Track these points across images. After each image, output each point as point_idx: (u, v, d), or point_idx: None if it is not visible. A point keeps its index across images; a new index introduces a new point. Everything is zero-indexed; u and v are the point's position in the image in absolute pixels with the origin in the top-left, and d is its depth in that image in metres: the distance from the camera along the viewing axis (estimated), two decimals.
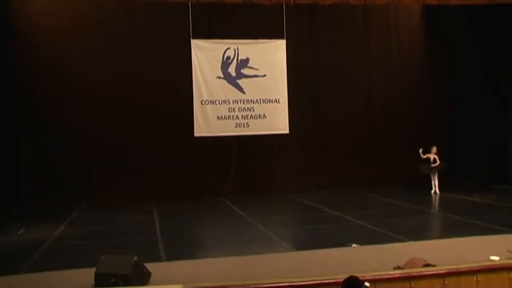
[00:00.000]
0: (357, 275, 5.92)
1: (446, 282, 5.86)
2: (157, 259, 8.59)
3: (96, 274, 6.85)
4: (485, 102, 16.69)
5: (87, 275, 6.97)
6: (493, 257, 7.10)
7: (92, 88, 15.66)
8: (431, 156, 15.17)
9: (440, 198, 14.93)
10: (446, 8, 16.34)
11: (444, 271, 6.00)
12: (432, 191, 15.20)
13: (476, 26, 16.94)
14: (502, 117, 15.76)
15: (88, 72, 15.66)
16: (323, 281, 5.80)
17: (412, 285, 5.80)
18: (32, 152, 15.31)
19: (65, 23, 15.73)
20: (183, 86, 16.08)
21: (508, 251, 7.36)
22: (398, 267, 6.67)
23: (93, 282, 6.80)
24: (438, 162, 15.12)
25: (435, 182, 15.28)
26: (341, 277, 5.74)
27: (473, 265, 6.21)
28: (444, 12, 17.33)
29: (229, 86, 16.62)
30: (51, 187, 15.17)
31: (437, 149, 15.25)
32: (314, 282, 5.80)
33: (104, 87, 15.73)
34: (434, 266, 6.49)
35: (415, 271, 6.19)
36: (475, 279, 5.95)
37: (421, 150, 15.15)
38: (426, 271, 6.17)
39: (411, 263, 6.69)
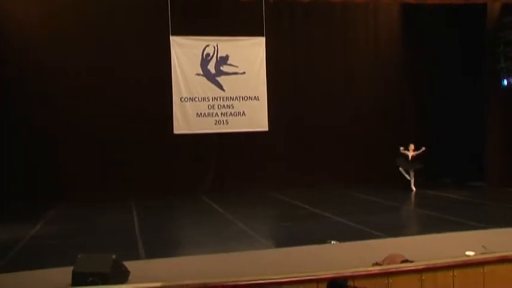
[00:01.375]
0: (336, 271, 5.98)
1: (423, 278, 5.92)
2: (137, 257, 8.51)
3: (73, 273, 6.76)
4: (463, 100, 16.93)
5: (64, 274, 6.87)
6: (468, 252, 7.22)
7: (69, 85, 15.41)
8: (409, 153, 15.21)
9: (417, 195, 15.11)
10: (424, 7, 16.53)
11: (421, 267, 6.06)
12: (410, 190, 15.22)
13: (453, 24, 17.16)
14: (480, 114, 16.00)
15: (65, 69, 15.40)
16: (303, 278, 5.80)
17: (391, 281, 5.84)
18: (8, 150, 15.02)
19: (42, 19, 15.47)
20: (162, 83, 15.96)
21: (483, 246, 7.48)
22: (376, 264, 6.72)
23: (70, 282, 6.71)
24: (414, 159, 15.20)
25: (411, 180, 15.34)
26: (321, 274, 5.78)
27: (450, 260, 6.29)
28: (422, 11, 17.53)
29: (209, 83, 16.57)
30: (27, 185, 14.90)
31: (414, 147, 15.27)
32: (294, 279, 5.80)
33: (81, 85, 15.49)
34: (412, 261, 6.55)
35: (393, 267, 6.24)
36: (451, 274, 6.03)
37: (401, 148, 15.34)
38: (404, 267, 6.23)
39: (389, 259, 6.75)
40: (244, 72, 16.75)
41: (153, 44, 15.90)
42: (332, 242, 9.01)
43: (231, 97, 16.66)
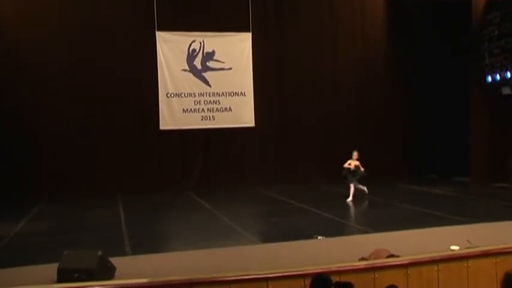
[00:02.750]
0: (323, 266, 6.00)
1: (409, 272, 5.96)
2: (123, 253, 8.48)
3: (59, 269, 6.71)
4: (449, 96, 17.06)
5: (50, 270, 6.81)
6: (453, 247, 7.30)
7: (53, 82, 15.28)
8: (353, 163, 13.47)
9: (403, 190, 15.19)
10: (410, 2, 16.66)
11: (407, 261, 6.11)
12: (348, 199, 13.14)
13: (438, 16, 17.27)
14: (465, 111, 16.16)
15: (49, 65, 15.25)
16: (289, 273, 5.81)
17: (377, 275, 5.87)
18: None
19: (25, 14, 15.30)
20: (148, 78, 15.89)
21: (468, 240, 7.57)
22: (363, 259, 6.76)
23: (55, 278, 6.66)
24: (361, 169, 13.46)
25: (352, 190, 13.31)
26: (307, 269, 5.80)
27: (435, 255, 6.35)
28: (408, 7, 17.66)
29: (195, 78, 16.56)
30: (11, 182, 14.75)
31: (358, 154, 13.64)
32: (280, 274, 5.81)
33: (66, 81, 15.35)
34: (397, 256, 6.60)
35: (379, 262, 6.28)
36: (436, 269, 6.09)
37: (346, 165, 13.57)
38: (390, 262, 6.27)
39: (375, 254, 6.79)
40: (230, 68, 16.75)
41: (138, 40, 15.83)
42: (318, 237, 9.04)
43: (217, 93, 16.66)
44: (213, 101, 16.64)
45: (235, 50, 16.77)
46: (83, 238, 9.92)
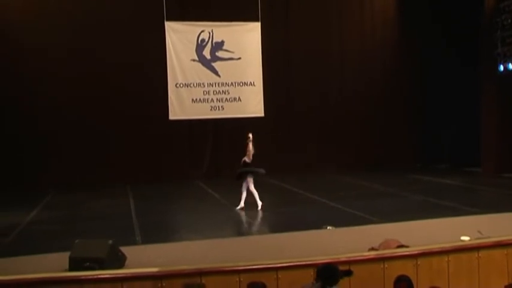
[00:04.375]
0: (332, 256, 6.00)
1: (418, 263, 5.94)
2: (133, 243, 8.53)
3: (70, 258, 6.77)
4: (460, 86, 16.91)
5: (61, 259, 6.88)
6: (463, 238, 7.26)
7: (62, 72, 15.29)
8: (250, 146, 11.56)
9: (413, 180, 15.09)
10: None
11: (416, 252, 6.08)
12: (239, 206, 11.22)
13: (448, 5, 17.08)
14: (476, 100, 16.01)
15: (57, 55, 15.25)
16: (298, 263, 5.82)
17: (386, 266, 5.86)
18: (2, 138, 14.95)
19: (29, 5, 15.29)
20: (157, 69, 15.86)
21: (478, 231, 7.53)
22: (372, 249, 6.75)
23: (67, 267, 6.72)
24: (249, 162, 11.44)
25: (245, 194, 11.32)
26: (316, 259, 5.80)
27: (445, 246, 6.32)
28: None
29: (204, 69, 16.49)
30: (22, 172, 14.87)
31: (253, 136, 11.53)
32: (289, 264, 5.82)
33: (75, 71, 15.37)
34: (407, 247, 6.59)
35: (388, 252, 6.26)
36: (446, 259, 6.06)
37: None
38: (399, 252, 6.24)
39: (385, 245, 6.78)
40: (239, 58, 16.67)
41: (147, 30, 15.76)
42: (328, 227, 9.03)
43: (226, 83, 16.59)
44: (222, 91, 16.58)
45: (244, 39, 16.68)
46: (94, 227, 9.99)
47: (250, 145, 11.31)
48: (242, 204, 11.23)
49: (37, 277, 5.59)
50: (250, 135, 11.41)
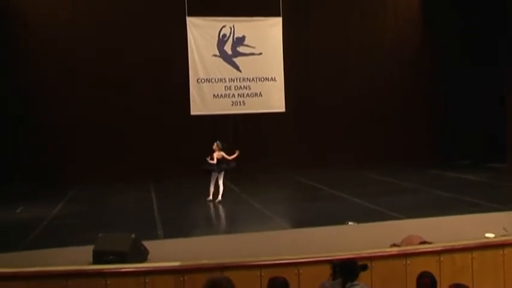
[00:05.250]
0: (354, 252, 5.95)
1: (441, 259, 5.84)
2: (155, 237, 8.60)
3: (94, 251, 6.87)
4: (483, 81, 16.61)
5: (85, 252, 6.98)
6: (488, 234, 7.14)
7: (84, 68, 15.45)
8: (216, 155, 11.86)
9: (435, 176, 14.90)
10: None
11: (439, 248, 5.98)
12: (207, 198, 11.74)
13: (470, 12, 16.82)
14: (500, 95, 15.69)
15: (77, 52, 15.40)
16: (320, 259, 5.77)
17: (408, 262, 5.78)
18: (29, 132, 15.21)
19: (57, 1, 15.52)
20: (178, 64, 15.93)
21: (504, 228, 7.39)
22: (394, 245, 6.69)
23: (91, 260, 6.81)
24: (229, 158, 11.89)
25: (214, 187, 11.80)
26: (338, 255, 5.75)
27: (469, 242, 6.21)
28: None
29: (226, 64, 16.52)
30: (47, 166, 15.11)
31: (220, 145, 11.93)
32: (311, 259, 5.78)
33: (96, 67, 15.51)
34: (430, 243, 6.51)
35: (411, 248, 6.18)
36: (470, 257, 5.95)
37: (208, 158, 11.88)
38: (422, 248, 6.16)
39: (407, 241, 6.71)
40: (260, 53, 16.65)
41: (169, 26, 15.82)
42: (349, 223, 8.99)
43: (247, 78, 16.59)
44: (244, 86, 16.59)
45: (265, 34, 16.64)
46: (117, 221, 10.11)
47: (216, 154, 11.73)
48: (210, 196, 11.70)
49: (62, 269, 5.66)
50: (215, 146, 11.89)
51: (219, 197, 11.68)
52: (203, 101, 16.34)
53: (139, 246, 7.06)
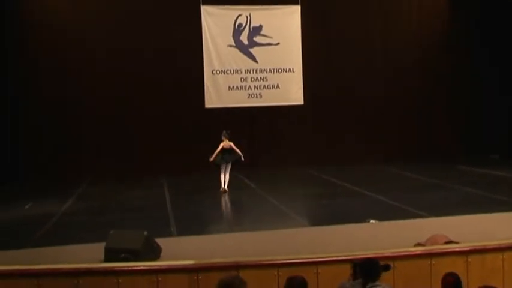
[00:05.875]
0: (375, 251, 5.91)
1: (469, 260, 5.78)
2: (168, 234, 8.64)
3: (105, 249, 6.92)
4: (509, 74, 16.37)
5: (97, 249, 7.05)
6: None
7: (93, 60, 15.58)
8: (224, 144, 12.41)
9: (463, 172, 14.73)
10: None
11: (467, 248, 5.92)
12: (221, 188, 12.46)
13: (498, 7, 16.58)
14: None
15: (88, 43, 15.54)
16: (340, 258, 5.76)
17: (433, 262, 5.74)
18: (37, 128, 15.38)
19: None
20: (192, 55, 15.95)
21: None
22: (419, 244, 6.64)
23: (102, 257, 6.87)
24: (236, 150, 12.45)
25: (225, 177, 12.50)
26: (359, 254, 5.73)
27: (500, 242, 6.13)
28: None
29: (241, 54, 16.50)
30: (56, 161, 15.28)
31: (227, 135, 12.46)
32: (330, 259, 5.77)
33: (106, 59, 15.64)
34: (457, 243, 6.45)
35: (436, 248, 6.14)
36: (500, 257, 5.87)
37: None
38: (448, 248, 6.11)
39: (432, 240, 6.66)
40: (278, 43, 16.60)
41: (182, 14, 15.85)
42: (371, 221, 8.95)
43: (264, 69, 16.57)
44: (260, 77, 16.56)
45: (283, 24, 16.58)
46: (128, 218, 10.18)
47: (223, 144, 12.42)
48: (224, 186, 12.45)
49: (72, 267, 5.73)
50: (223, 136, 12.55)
51: (224, 186, 12.39)
52: (218, 93, 16.35)
53: (152, 244, 7.10)
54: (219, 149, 12.36)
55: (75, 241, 8.10)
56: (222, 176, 12.50)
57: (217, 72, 16.31)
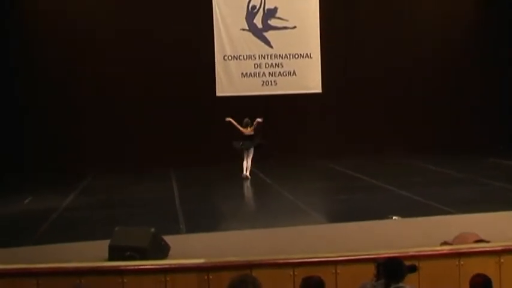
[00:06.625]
0: (399, 250, 5.88)
1: (502, 261, 5.73)
2: (177, 231, 8.68)
3: (110, 247, 6.95)
4: None
5: (101, 247, 7.08)
6: None
7: (101, 47, 15.69)
8: (244, 130, 13.52)
9: (494, 165, 14.59)
10: None
11: (500, 248, 5.86)
12: (242, 174, 13.37)
13: None
14: None
15: (96, 30, 15.65)
16: (360, 257, 5.75)
17: (462, 262, 5.70)
18: (38, 120, 15.51)
19: None
20: (203, 40, 15.94)
21: None
22: (445, 243, 6.60)
23: (106, 256, 6.91)
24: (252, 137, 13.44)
25: (247, 163, 13.44)
26: (380, 252, 5.70)
27: None
28: None
29: (255, 39, 16.47)
30: (58, 153, 15.39)
31: (253, 122, 13.46)
32: (350, 258, 5.76)
33: (113, 46, 15.74)
34: (488, 242, 6.40)
35: (465, 247, 6.09)
36: None
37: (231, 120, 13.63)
38: (478, 247, 6.07)
39: (461, 238, 6.61)
40: (295, 27, 16.53)
41: None
42: (394, 217, 8.92)
43: (280, 55, 16.53)
44: (275, 64, 16.52)
45: (300, 6, 16.50)
46: (135, 214, 10.24)
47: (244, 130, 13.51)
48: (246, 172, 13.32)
49: (75, 266, 5.77)
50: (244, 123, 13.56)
51: (246, 173, 13.25)
52: (230, 80, 16.36)
53: (159, 242, 7.13)
54: (239, 128, 13.43)
55: (77, 238, 8.14)
56: (244, 162, 13.28)
57: (229, 58, 16.30)
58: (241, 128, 13.43)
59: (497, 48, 17.20)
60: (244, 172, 13.26)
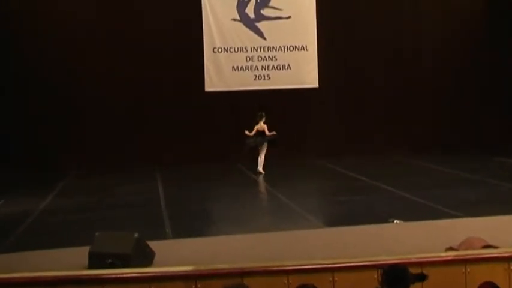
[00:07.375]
0: (400, 256, 5.89)
1: (511, 268, 5.77)
2: (163, 236, 8.67)
3: (90, 253, 6.92)
4: None
5: (80, 254, 7.05)
6: None
7: (86, 42, 15.65)
8: (258, 127, 14.09)
9: (502, 165, 14.67)
10: None
11: (509, 254, 5.87)
12: (257, 170, 14.15)
13: None
14: None
15: (82, 20, 15.62)
16: (359, 264, 5.76)
17: (468, 270, 5.71)
18: (17, 115, 15.47)
19: None
20: (190, 31, 15.93)
21: None
22: (451, 249, 6.63)
23: (86, 263, 6.87)
24: (268, 133, 14.06)
25: (261, 159, 14.16)
26: (381, 259, 5.71)
27: None
28: None
29: (247, 30, 16.49)
30: (36, 151, 15.32)
31: (265, 118, 14.10)
32: (348, 264, 5.77)
33: (98, 41, 15.71)
34: (496, 247, 6.42)
35: (472, 253, 6.11)
36: None
37: (247, 132, 14.16)
38: (486, 253, 6.08)
39: (467, 244, 6.64)
40: (289, 17, 16.56)
41: None
42: (395, 221, 8.95)
43: (273, 47, 16.56)
44: (269, 56, 16.55)
45: None
46: (117, 217, 10.22)
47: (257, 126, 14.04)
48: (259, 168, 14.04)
49: (51, 275, 5.71)
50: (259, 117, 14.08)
51: (259, 168, 14.01)
52: (220, 74, 16.36)
53: (143, 248, 7.11)
54: (254, 131, 13.94)
55: (54, 245, 8.09)
56: (259, 158, 14.08)
57: (219, 50, 16.30)
58: (254, 129, 14.02)
59: (497, 48, 17.28)
60: (258, 168, 14.02)
